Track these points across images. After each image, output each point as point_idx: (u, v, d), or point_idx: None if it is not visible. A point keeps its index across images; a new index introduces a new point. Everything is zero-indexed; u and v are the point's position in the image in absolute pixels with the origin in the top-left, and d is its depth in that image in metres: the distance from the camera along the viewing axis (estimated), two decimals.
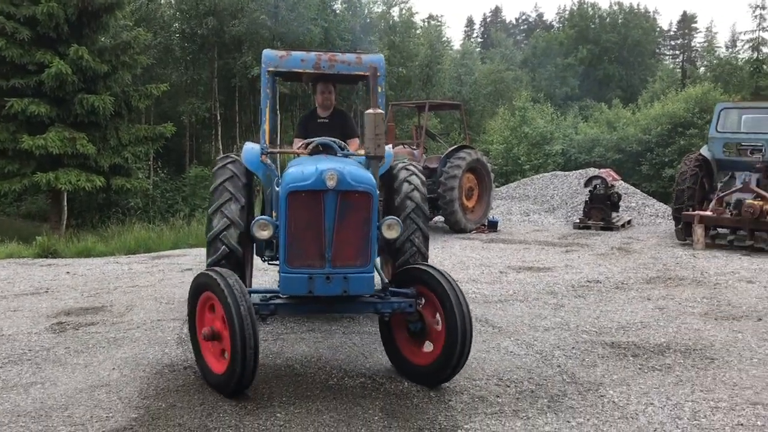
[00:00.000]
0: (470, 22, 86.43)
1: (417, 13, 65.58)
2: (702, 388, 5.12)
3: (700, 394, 4.99)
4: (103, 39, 24.98)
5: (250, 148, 6.45)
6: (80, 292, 8.64)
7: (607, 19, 61.91)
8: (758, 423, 4.47)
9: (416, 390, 5.05)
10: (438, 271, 5.11)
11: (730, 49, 42.95)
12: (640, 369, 5.52)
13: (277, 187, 5.59)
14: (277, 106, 7.49)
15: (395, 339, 5.39)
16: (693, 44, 74.22)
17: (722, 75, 39.30)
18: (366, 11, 35.47)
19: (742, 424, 4.44)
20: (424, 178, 6.96)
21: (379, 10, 36.75)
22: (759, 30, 39.85)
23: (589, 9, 63.49)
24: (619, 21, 61.08)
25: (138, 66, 24.73)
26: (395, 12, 38.27)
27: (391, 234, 5.21)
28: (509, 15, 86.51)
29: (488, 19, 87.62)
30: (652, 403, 4.80)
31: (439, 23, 66.20)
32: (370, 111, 5.03)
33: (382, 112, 5.14)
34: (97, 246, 14.24)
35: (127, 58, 24.02)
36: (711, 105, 19.91)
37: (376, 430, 4.34)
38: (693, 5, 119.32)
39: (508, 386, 5.17)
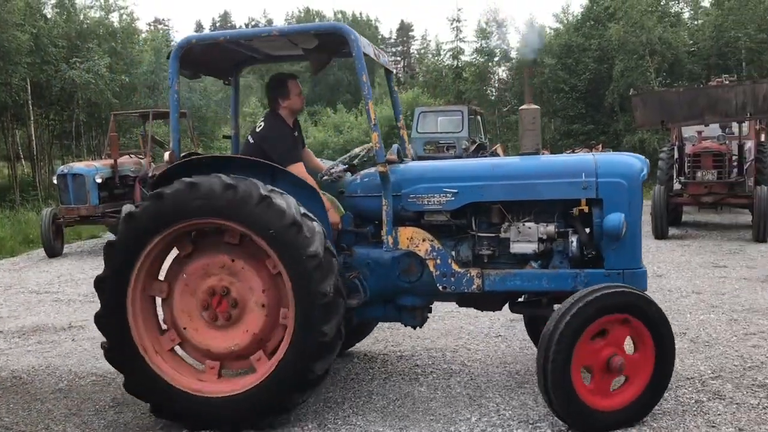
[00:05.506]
0: (199, 27, 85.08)
1: (138, 19, 62.98)
2: (393, 344, 6.29)
3: (390, 348, 6.14)
4: None
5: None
6: None
7: None
8: (429, 362, 5.70)
9: None
10: None
11: (436, 57, 47.52)
12: None
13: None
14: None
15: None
16: (412, 51, 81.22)
17: (431, 81, 43.75)
18: (82, 17, 33.43)
19: (417, 365, 5.64)
20: None
21: (97, 16, 34.83)
22: (457, 40, 44.58)
23: (316, 17, 66.41)
24: None
25: None
26: (115, 18, 36.65)
27: None
28: (238, 20, 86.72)
29: (218, 24, 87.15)
30: (352, 361, 5.81)
31: (166, 27, 64.63)
32: (527, 107, 4.81)
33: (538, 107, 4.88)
34: None
35: None
36: None
37: (107, 417, 4.75)
38: (409, 15, 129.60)
39: None
